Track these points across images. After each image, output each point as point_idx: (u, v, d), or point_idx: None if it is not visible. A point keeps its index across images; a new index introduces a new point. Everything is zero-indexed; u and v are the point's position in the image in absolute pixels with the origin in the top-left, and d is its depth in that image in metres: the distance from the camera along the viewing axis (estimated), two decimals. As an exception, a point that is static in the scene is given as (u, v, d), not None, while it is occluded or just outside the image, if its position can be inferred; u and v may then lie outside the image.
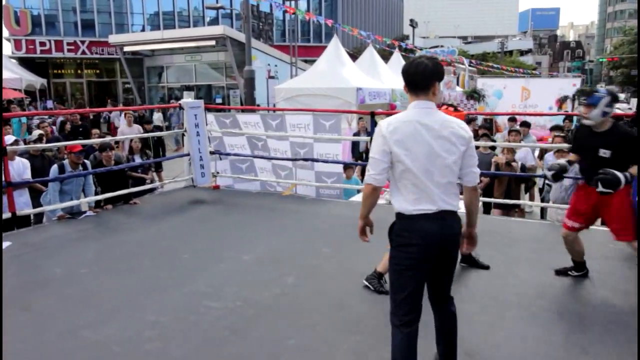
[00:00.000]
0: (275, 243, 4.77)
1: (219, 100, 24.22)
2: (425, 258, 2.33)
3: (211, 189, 7.03)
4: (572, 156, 3.91)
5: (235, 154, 7.45)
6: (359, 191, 6.97)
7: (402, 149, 2.30)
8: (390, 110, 13.11)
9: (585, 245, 3.94)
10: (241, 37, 18.74)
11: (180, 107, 6.80)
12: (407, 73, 2.41)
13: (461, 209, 2.45)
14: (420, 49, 28.11)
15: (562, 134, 7.17)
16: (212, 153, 7.14)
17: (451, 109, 3.77)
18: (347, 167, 7.23)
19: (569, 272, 3.93)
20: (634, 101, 29.22)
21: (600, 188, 3.48)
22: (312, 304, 3.46)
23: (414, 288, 2.34)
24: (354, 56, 18.30)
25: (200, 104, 6.86)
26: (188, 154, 6.83)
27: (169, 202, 6.37)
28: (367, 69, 15.29)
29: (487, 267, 4.00)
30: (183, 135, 6.96)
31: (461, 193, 2.50)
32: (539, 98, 15.10)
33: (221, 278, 3.90)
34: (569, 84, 16.56)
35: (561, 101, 15.47)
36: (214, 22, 33.85)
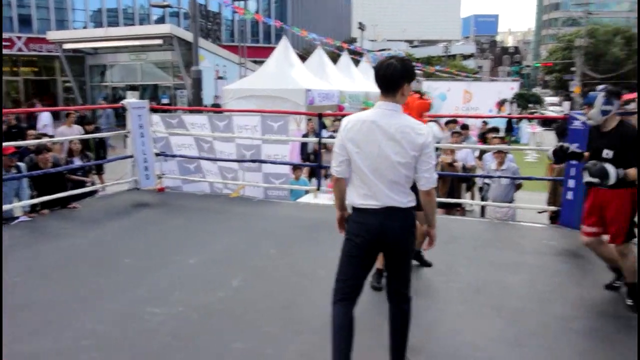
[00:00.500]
0: (222, 245, 4.70)
1: (165, 101, 23.65)
2: (366, 249, 2.48)
3: (156, 192, 6.85)
4: (586, 154, 3.73)
5: (180, 156, 7.28)
6: (307, 192, 7.00)
7: (354, 147, 2.43)
8: (339, 111, 13.24)
9: (518, 241, 4.12)
10: (189, 36, 18.36)
11: (123, 108, 6.58)
12: (377, 74, 2.46)
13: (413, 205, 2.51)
14: (368, 52, 28.52)
15: (500, 136, 7.49)
16: (157, 155, 6.97)
17: (417, 95, 3.70)
18: (295, 167, 7.25)
19: (614, 284, 3.76)
20: (566, 104, 31.09)
21: (586, 178, 3.40)
22: (258, 306, 3.43)
23: (354, 274, 2.51)
24: (304, 57, 18.36)
25: (145, 105, 6.67)
26: (131, 156, 6.62)
27: (110, 205, 6.15)
28: (315, 71, 15.36)
29: (429, 265, 4.11)
30: (126, 136, 6.74)
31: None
32: (480, 101, 15.73)
33: (165, 283, 3.81)
34: (508, 88, 17.38)
35: (500, 104, 16.17)
36: (161, 20, 33.02)
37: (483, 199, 7.24)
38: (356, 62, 20.70)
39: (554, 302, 3.56)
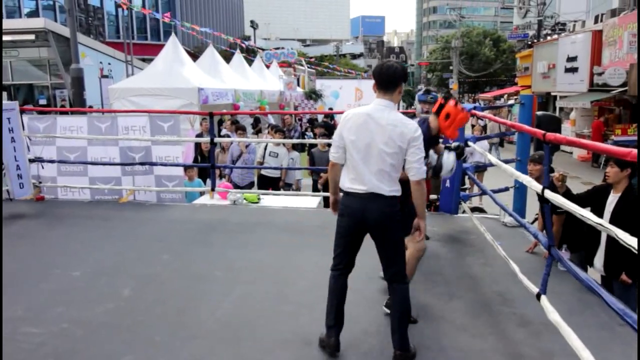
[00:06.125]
0: (109, 254, 4.44)
1: (43, 102, 21.72)
2: (350, 229, 2.76)
3: (34, 201, 6.29)
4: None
5: (60, 161, 6.65)
6: (201, 194, 6.82)
7: (350, 135, 2.71)
8: (234, 110, 13.06)
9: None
10: (66, 31, 17.00)
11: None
12: (379, 74, 2.75)
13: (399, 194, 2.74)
14: (262, 50, 28.48)
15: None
16: (31, 161, 6.37)
17: (458, 107, 3.49)
18: (187, 168, 7.03)
19: None
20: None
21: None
22: (150, 315, 3.30)
23: (344, 249, 2.82)
24: (196, 55, 17.82)
25: (15, 106, 6.07)
26: (1, 164, 5.98)
27: (-23, 219, 5.52)
28: (208, 69, 14.99)
29: None
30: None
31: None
32: (371, 98, 16.42)
33: (44, 299, 3.51)
34: (395, 85, 18.38)
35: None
36: (34, 14, 30.24)
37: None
38: (249, 62, 20.52)
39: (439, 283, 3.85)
